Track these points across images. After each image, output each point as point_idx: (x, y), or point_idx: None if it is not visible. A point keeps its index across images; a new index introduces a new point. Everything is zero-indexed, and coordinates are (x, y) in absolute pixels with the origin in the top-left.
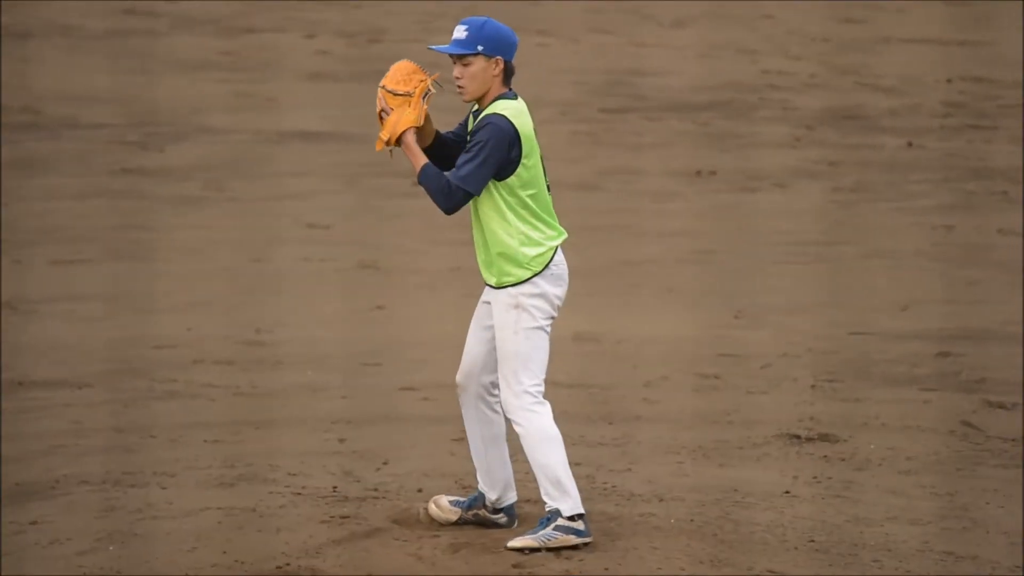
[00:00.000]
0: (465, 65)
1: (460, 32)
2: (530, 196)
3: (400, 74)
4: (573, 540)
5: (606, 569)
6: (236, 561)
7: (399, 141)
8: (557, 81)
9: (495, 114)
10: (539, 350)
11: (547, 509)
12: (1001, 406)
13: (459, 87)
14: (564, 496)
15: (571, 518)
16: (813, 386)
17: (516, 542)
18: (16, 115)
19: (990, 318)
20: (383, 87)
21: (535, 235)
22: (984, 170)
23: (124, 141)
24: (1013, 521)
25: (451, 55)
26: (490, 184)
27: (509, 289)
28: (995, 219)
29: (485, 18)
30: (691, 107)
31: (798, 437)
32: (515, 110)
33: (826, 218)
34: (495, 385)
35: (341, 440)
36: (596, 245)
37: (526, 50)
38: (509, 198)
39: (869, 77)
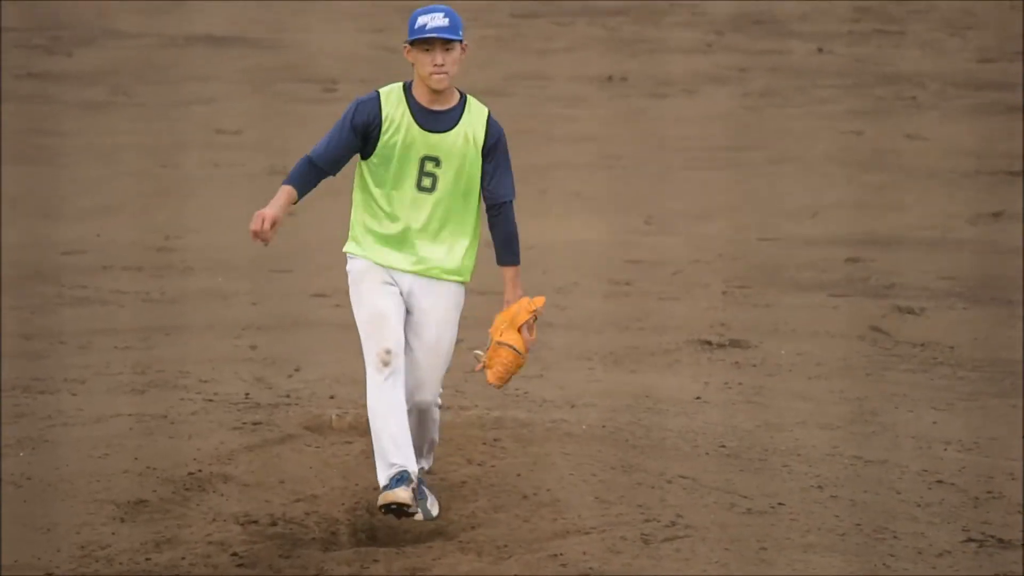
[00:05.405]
0: (447, 51)
1: (442, 19)
2: None
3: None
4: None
5: (518, 475)
6: (147, 467)
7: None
8: None
9: (496, 121)
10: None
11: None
12: (910, 311)
13: (441, 74)
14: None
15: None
16: (724, 292)
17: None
18: None
19: (899, 223)
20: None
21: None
22: (893, 75)
23: (30, 45)
24: (921, 425)
25: (441, 39)
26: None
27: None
28: (904, 124)
29: (446, 6)
30: (601, 11)
31: (709, 343)
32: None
33: (735, 124)
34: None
35: (252, 347)
36: None
37: None
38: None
39: None
